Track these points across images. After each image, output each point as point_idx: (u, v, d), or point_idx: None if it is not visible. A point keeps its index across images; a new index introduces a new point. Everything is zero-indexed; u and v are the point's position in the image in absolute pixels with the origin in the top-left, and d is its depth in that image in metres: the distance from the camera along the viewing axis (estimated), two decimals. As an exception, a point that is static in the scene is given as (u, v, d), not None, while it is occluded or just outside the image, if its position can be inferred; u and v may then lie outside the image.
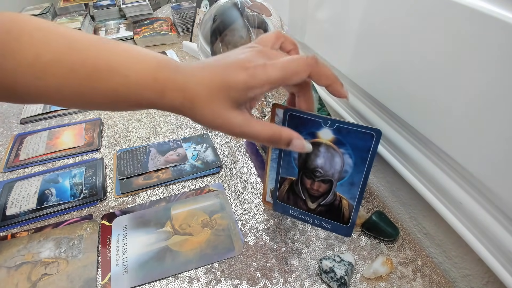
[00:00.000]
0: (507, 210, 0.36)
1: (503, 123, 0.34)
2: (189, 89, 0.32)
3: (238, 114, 0.33)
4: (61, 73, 0.30)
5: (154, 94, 0.32)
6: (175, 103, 0.33)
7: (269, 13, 0.65)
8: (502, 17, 0.32)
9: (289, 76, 0.32)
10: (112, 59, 0.31)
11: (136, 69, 0.32)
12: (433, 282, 0.44)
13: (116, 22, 1.21)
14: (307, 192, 0.49)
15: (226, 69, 0.32)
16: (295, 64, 0.33)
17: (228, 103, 0.33)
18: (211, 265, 0.46)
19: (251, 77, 0.32)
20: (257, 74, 0.32)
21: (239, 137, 0.36)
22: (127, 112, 0.78)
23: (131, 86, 0.32)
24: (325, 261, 0.43)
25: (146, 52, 0.34)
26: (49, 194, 0.57)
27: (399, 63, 0.46)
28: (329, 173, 0.47)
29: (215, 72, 0.33)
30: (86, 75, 0.31)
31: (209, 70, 0.33)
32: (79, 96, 0.32)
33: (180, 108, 0.34)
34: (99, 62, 0.31)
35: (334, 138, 0.45)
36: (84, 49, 0.31)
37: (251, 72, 0.32)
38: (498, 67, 0.33)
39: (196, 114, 0.33)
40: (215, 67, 0.33)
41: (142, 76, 0.32)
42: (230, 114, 0.33)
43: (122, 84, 0.32)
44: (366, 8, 0.50)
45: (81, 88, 0.31)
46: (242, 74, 0.32)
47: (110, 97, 0.32)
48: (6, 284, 0.44)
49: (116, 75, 0.31)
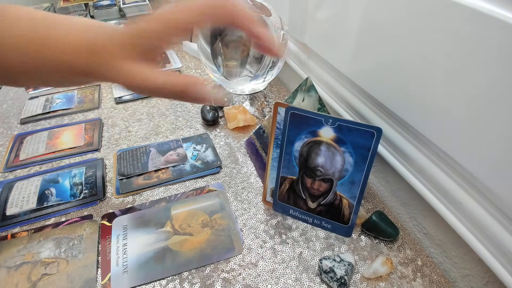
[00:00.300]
0: (507, 210, 0.36)
1: (503, 123, 0.34)
2: (99, 46, 0.32)
3: (142, 67, 0.33)
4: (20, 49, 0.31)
5: (84, 59, 0.32)
6: (84, 63, 0.32)
7: (269, 13, 0.65)
8: (502, 17, 0.32)
9: (196, 18, 0.31)
10: (55, 32, 0.32)
11: (72, 37, 0.32)
12: (433, 282, 0.44)
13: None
14: (308, 192, 0.49)
15: (135, 23, 0.32)
16: (204, 5, 0.31)
17: (133, 55, 0.32)
18: (211, 265, 0.46)
19: (153, 21, 0.31)
20: (161, 18, 0.31)
21: (143, 93, 0.35)
22: (127, 112, 0.78)
23: (69, 53, 0.32)
24: (325, 261, 0.43)
25: (87, 22, 0.34)
26: (49, 194, 0.57)
27: (399, 63, 0.46)
28: (330, 172, 0.47)
29: (126, 29, 0.32)
30: (36, 49, 0.32)
31: (123, 29, 0.33)
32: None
33: (88, 68, 0.33)
34: (45, 36, 0.32)
35: (335, 137, 0.45)
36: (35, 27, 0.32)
37: (155, 16, 0.31)
38: (498, 67, 0.33)
39: (104, 71, 0.33)
40: (130, 27, 0.33)
41: (76, 44, 0.32)
42: (134, 67, 0.32)
43: (62, 52, 0.32)
44: (366, 8, 0.50)
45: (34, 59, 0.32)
46: (143, 20, 0.31)
47: (55, 67, 0.33)
48: (6, 284, 0.44)
49: (59, 44, 0.32)
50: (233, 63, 0.66)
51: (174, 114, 0.77)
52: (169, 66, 0.97)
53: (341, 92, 0.63)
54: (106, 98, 0.84)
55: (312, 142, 0.46)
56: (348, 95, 0.61)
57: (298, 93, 0.54)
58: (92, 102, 0.82)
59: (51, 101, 0.82)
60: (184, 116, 0.76)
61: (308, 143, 0.46)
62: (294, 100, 0.54)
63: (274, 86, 0.86)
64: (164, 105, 0.80)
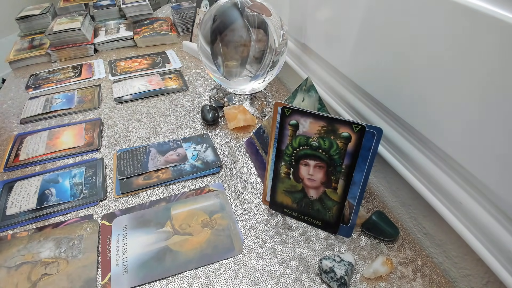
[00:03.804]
0: (507, 210, 0.36)
1: (503, 124, 0.34)
2: None
3: None
4: None
5: None
6: None
7: (269, 13, 0.65)
8: (502, 17, 0.32)
9: None
10: None
11: None
12: (433, 282, 0.44)
13: (116, 22, 1.21)
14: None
15: None
16: None
17: None
18: (211, 265, 0.46)
19: None
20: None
21: None
22: (127, 112, 0.78)
23: None
24: (325, 261, 0.43)
25: None
26: (49, 194, 0.57)
27: (399, 63, 0.46)
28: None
29: None
30: None
31: None
32: None
33: None
34: None
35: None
36: None
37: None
38: (498, 67, 0.33)
39: None
40: None
41: None
42: None
43: None
44: (366, 8, 0.50)
45: None
46: None
47: None
48: (6, 284, 0.44)
49: None
50: (233, 63, 0.66)
51: (174, 114, 0.77)
52: (169, 66, 0.97)
53: (341, 92, 0.63)
54: (106, 98, 0.84)
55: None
56: (348, 95, 0.61)
57: (298, 93, 0.54)
58: (92, 102, 0.82)
59: (51, 101, 0.82)
60: (184, 116, 0.76)
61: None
62: (294, 100, 0.54)
63: (274, 86, 0.86)
64: (164, 105, 0.80)
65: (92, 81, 0.92)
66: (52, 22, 1.09)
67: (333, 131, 0.44)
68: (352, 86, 0.59)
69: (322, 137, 0.45)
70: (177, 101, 0.81)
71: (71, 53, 1.04)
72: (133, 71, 0.95)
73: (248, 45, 0.63)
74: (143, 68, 0.96)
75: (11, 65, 1.01)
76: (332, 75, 0.65)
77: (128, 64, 0.99)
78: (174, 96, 0.83)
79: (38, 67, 1.01)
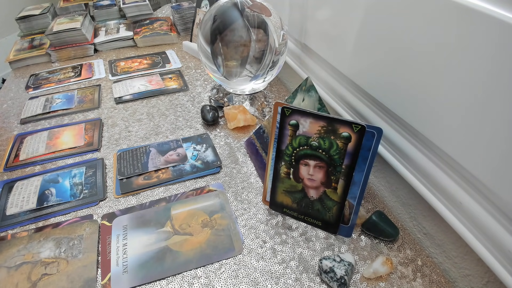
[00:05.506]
0: (507, 210, 0.36)
1: (503, 123, 0.34)
2: None
3: None
4: None
5: None
6: None
7: (269, 13, 0.65)
8: (502, 17, 0.32)
9: None
10: None
11: None
12: (433, 282, 0.44)
13: (116, 22, 1.21)
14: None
15: None
16: None
17: None
18: (211, 265, 0.46)
19: None
20: None
21: None
22: (127, 112, 0.78)
23: None
24: (325, 261, 0.43)
25: None
26: (49, 194, 0.57)
27: (399, 63, 0.46)
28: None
29: None
30: None
31: None
32: None
33: None
34: None
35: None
36: None
37: None
38: (498, 68, 0.33)
39: None
40: None
41: None
42: None
43: None
44: (366, 8, 0.50)
45: None
46: None
47: None
48: (6, 284, 0.44)
49: None
50: (233, 63, 0.66)
51: (174, 114, 0.77)
52: (169, 66, 0.97)
53: (341, 92, 0.63)
54: (106, 98, 0.84)
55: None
56: (348, 95, 0.61)
57: (298, 93, 0.54)
58: (92, 102, 0.82)
59: (51, 101, 0.82)
60: (184, 116, 0.76)
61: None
62: (294, 100, 0.54)
63: (274, 86, 0.86)
64: (164, 105, 0.80)
65: (92, 81, 0.92)
66: (52, 22, 1.09)
67: (333, 131, 0.44)
68: (352, 86, 0.59)
69: (322, 137, 0.45)
70: (177, 101, 0.81)
71: (71, 53, 1.04)
72: (133, 71, 0.95)
73: (248, 45, 0.63)
74: (143, 68, 0.96)
75: (11, 65, 1.01)
76: (332, 75, 0.65)
77: (128, 64, 0.99)
78: (174, 96, 0.83)
79: (38, 67, 1.01)
